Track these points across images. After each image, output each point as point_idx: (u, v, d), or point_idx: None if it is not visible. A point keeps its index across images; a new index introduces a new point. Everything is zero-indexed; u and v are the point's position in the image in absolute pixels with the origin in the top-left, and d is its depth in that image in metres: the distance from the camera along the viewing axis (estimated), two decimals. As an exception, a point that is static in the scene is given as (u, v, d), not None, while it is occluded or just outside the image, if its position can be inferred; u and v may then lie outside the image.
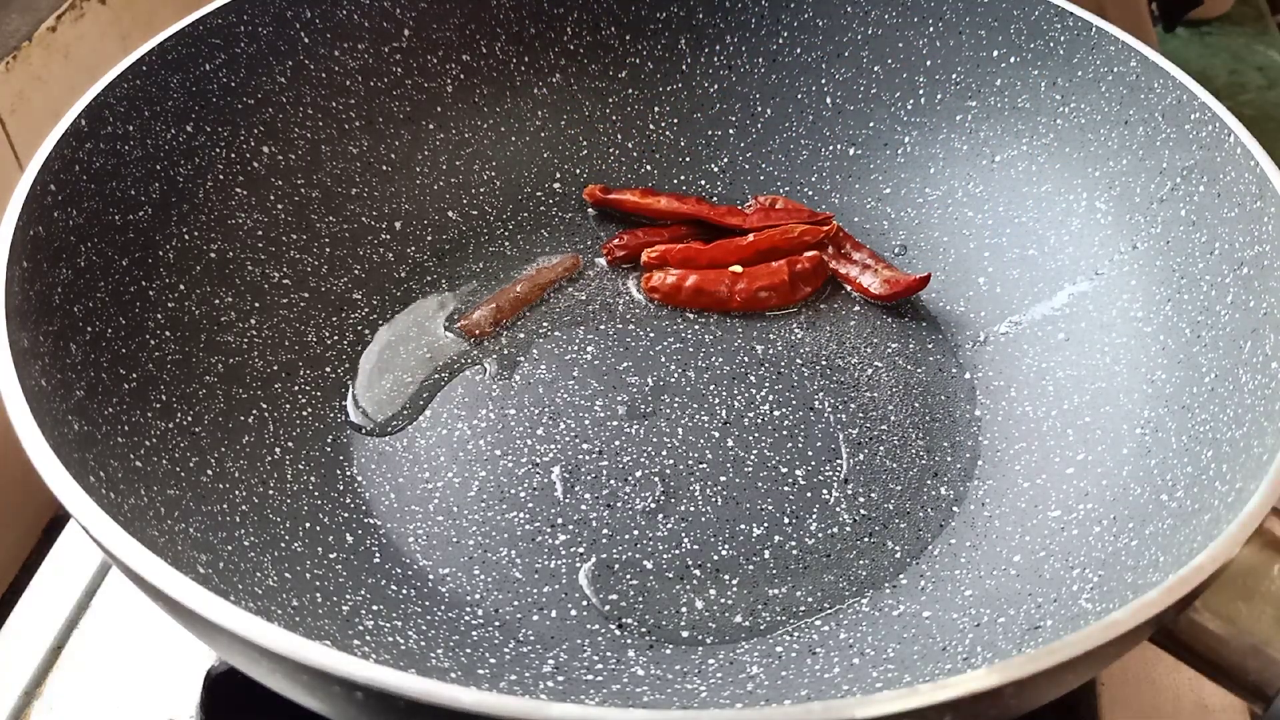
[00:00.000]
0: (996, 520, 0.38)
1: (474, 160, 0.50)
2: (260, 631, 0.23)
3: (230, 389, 0.39)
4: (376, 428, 0.42)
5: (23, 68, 0.49)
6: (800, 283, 0.47)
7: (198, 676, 0.37)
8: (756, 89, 0.51)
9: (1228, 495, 0.30)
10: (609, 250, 0.48)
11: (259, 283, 0.43)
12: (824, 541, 0.38)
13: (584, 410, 0.43)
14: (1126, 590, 0.31)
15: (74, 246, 0.35)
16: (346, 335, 0.45)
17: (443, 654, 0.34)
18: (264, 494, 0.37)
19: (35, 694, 0.37)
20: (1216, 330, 0.36)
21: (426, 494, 0.40)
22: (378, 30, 0.47)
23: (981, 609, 0.34)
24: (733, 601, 0.37)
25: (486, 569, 0.37)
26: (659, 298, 0.47)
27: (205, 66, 0.42)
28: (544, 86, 0.51)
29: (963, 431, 0.42)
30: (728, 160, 0.52)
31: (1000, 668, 0.22)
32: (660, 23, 0.51)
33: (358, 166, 0.47)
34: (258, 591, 0.32)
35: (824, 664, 0.34)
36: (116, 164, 0.38)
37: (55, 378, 0.32)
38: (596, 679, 0.34)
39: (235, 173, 0.43)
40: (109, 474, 0.31)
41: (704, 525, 0.39)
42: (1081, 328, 0.42)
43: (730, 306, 0.47)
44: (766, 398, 0.43)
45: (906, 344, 0.46)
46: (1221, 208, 0.37)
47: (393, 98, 0.48)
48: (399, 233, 0.48)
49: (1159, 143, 0.40)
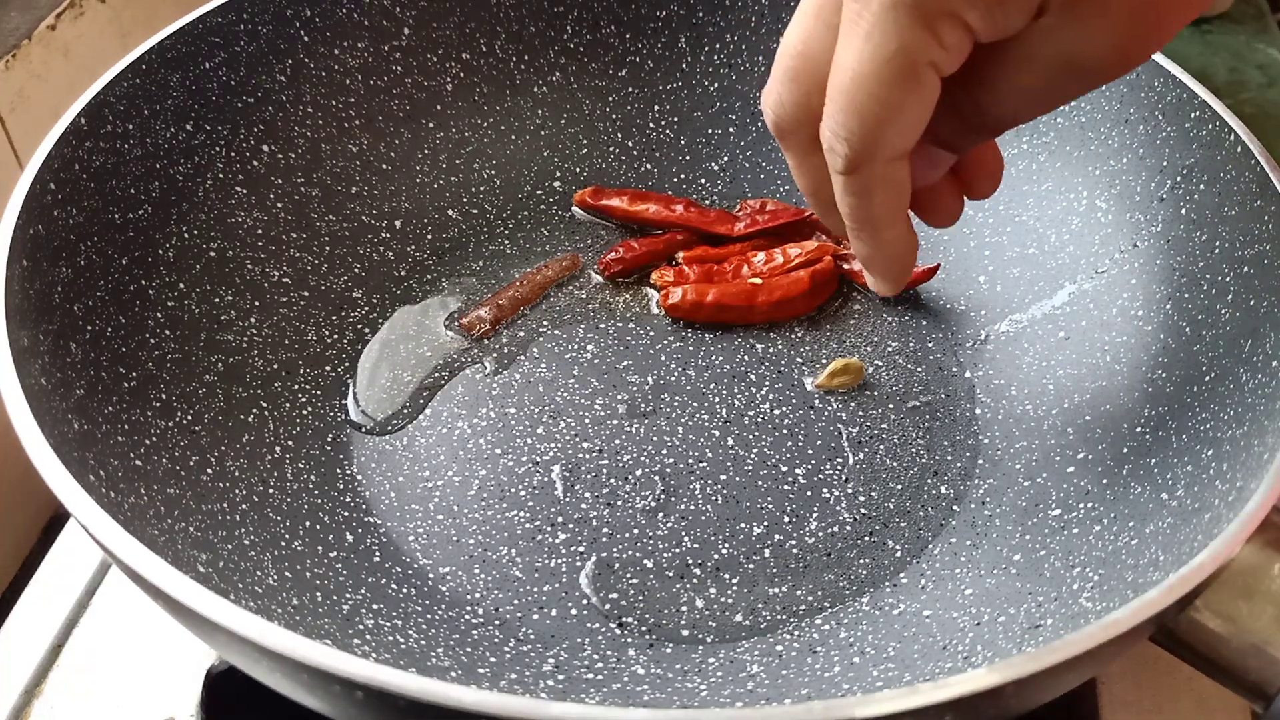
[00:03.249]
0: (997, 519, 0.38)
1: (474, 159, 0.50)
2: (260, 630, 0.23)
3: (230, 388, 0.39)
4: (376, 426, 0.42)
5: (22, 66, 0.49)
6: (821, 289, 0.47)
7: (198, 675, 0.37)
8: (757, 87, 0.51)
9: (1228, 494, 0.30)
10: (605, 265, 0.48)
11: (259, 281, 0.43)
12: (824, 540, 0.38)
13: (584, 409, 0.43)
14: (1127, 589, 0.31)
15: (74, 245, 0.35)
16: (346, 334, 0.45)
17: (443, 653, 0.34)
18: (264, 493, 0.37)
19: (35, 693, 0.37)
20: (1217, 329, 0.36)
21: (426, 493, 0.40)
22: (377, 29, 0.47)
23: (982, 608, 0.34)
24: (733, 600, 0.37)
25: (486, 568, 0.37)
26: (680, 315, 0.46)
27: (205, 65, 0.42)
28: (544, 85, 0.51)
29: (963, 430, 0.42)
30: (728, 159, 0.52)
31: (1001, 667, 0.22)
32: (660, 21, 0.51)
33: (357, 165, 0.47)
34: (258, 590, 0.32)
35: (824, 663, 0.34)
36: (116, 162, 0.38)
37: (55, 376, 0.32)
38: (597, 678, 0.34)
39: (235, 171, 0.43)
40: (109, 473, 0.31)
41: (704, 524, 0.39)
42: (1082, 326, 0.42)
43: (753, 320, 0.46)
44: (767, 396, 0.43)
45: (907, 342, 0.46)
46: (1222, 206, 0.37)
47: (392, 96, 0.48)
48: (399, 231, 0.48)
49: (1159, 141, 0.40)
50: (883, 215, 0.30)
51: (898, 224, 0.31)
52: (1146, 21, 0.25)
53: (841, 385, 0.43)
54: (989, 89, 0.27)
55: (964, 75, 0.27)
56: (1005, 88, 0.27)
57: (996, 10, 0.25)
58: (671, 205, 0.49)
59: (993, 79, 0.27)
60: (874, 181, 0.29)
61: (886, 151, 0.28)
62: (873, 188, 0.29)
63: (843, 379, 0.43)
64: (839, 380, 0.43)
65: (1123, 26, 0.25)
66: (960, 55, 0.26)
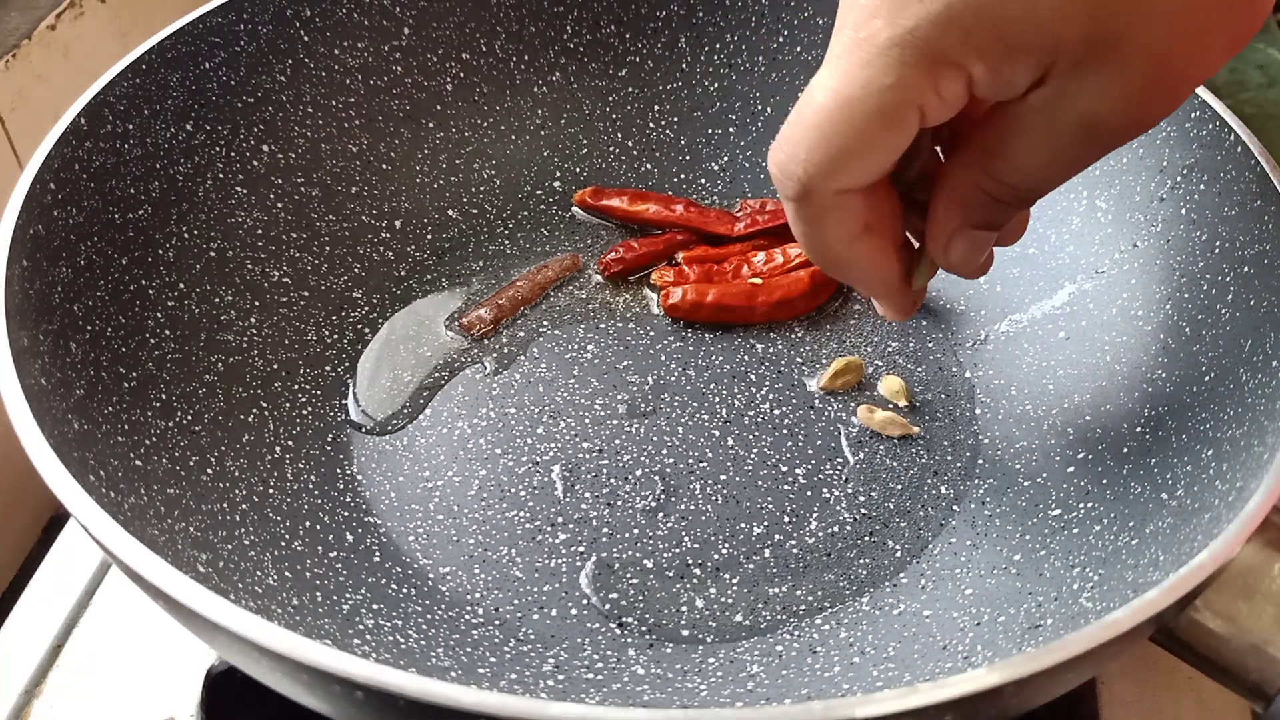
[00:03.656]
0: (997, 519, 0.38)
1: (474, 159, 0.50)
2: (260, 630, 0.23)
3: (230, 388, 0.39)
4: (376, 426, 0.42)
5: (22, 66, 0.49)
6: (821, 290, 0.47)
7: (198, 675, 0.37)
8: (757, 87, 0.51)
9: (1228, 494, 0.30)
10: (605, 265, 0.48)
11: (259, 281, 0.43)
12: (824, 540, 0.38)
13: (584, 409, 0.43)
14: (1127, 589, 0.31)
15: (74, 245, 0.35)
16: (346, 334, 0.45)
17: (443, 653, 0.34)
18: (264, 493, 0.37)
19: (35, 692, 0.37)
20: (1217, 329, 0.36)
21: (426, 493, 0.40)
22: (377, 29, 0.47)
23: (982, 608, 0.34)
24: (733, 600, 0.37)
25: (486, 568, 0.37)
26: (680, 315, 0.46)
27: (205, 65, 0.42)
28: (544, 85, 0.51)
29: (963, 430, 0.42)
30: (728, 159, 0.52)
31: (1001, 667, 0.22)
32: (660, 21, 0.51)
33: (357, 165, 0.47)
34: (258, 590, 0.32)
35: (824, 663, 0.34)
36: (116, 162, 0.38)
37: (55, 376, 0.32)
38: (597, 678, 0.34)
39: (235, 171, 0.43)
40: (109, 473, 0.31)
41: (704, 524, 0.39)
42: (1082, 326, 0.42)
43: (753, 320, 0.46)
44: (767, 396, 0.43)
45: (906, 342, 0.46)
46: (1222, 206, 0.37)
47: (392, 96, 0.48)
48: (399, 231, 0.48)
49: (1159, 141, 0.40)
50: (838, 249, 0.29)
51: (862, 260, 0.30)
52: (1165, 79, 0.23)
53: (844, 385, 0.43)
54: (1008, 161, 0.26)
55: (984, 151, 0.26)
56: (1024, 158, 0.26)
57: (1004, 65, 0.24)
58: (671, 205, 0.49)
59: (1010, 150, 0.26)
60: (824, 211, 0.28)
61: (842, 182, 0.27)
62: (824, 218, 0.28)
63: (845, 379, 0.43)
64: (842, 380, 0.43)
65: (1140, 85, 0.23)
66: (950, 110, 0.25)
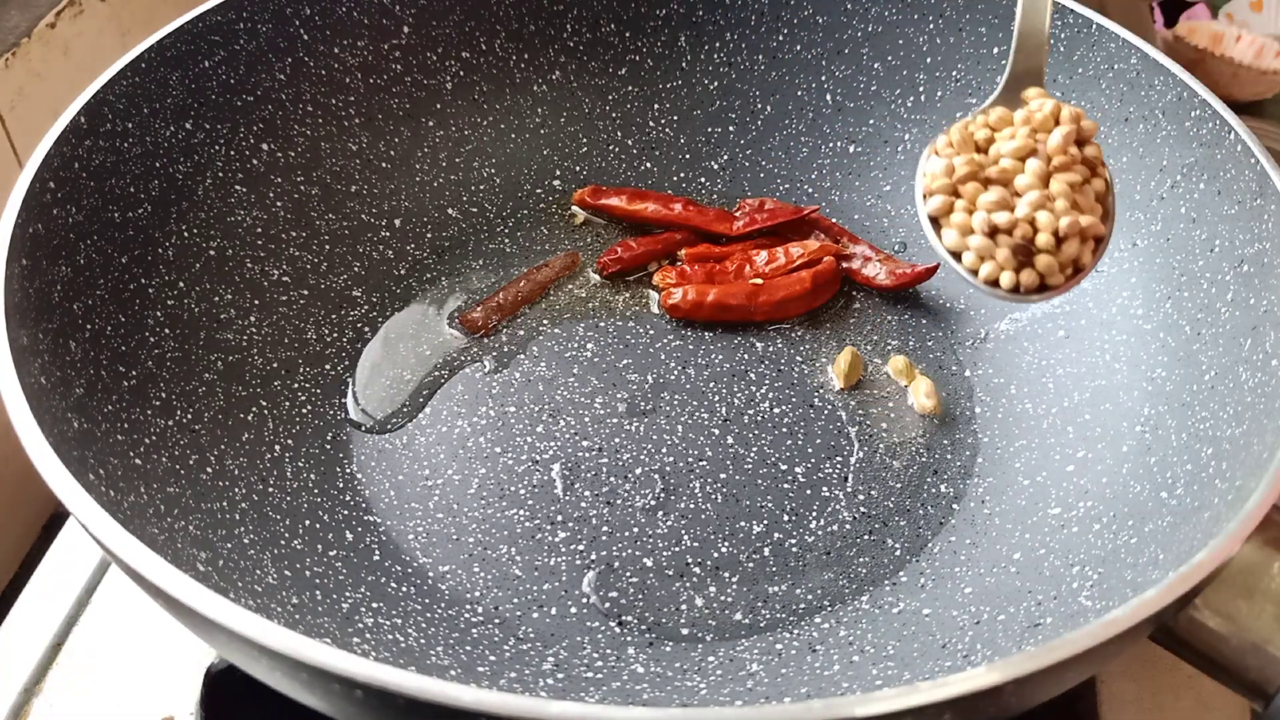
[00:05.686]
0: (996, 518, 0.38)
1: (474, 157, 0.50)
2: (260, 629, 0.23)
3: (230, 386, 0.39)
4: (376, 425, 0.42)
5: (22, 64, 0.49)
6: (823, 290, 0.47)
7: (198, 674, 0.37)
8: (756, 86, 0.51)
9: (1228, 493, 0.30)
10: (604, 265, 0.48)
11: (258, 280, 0.43)
12: (824, 539, 0.38)
13: (584, 407, 0.43)
14: (1126, 588, 0.31)
15: (73, 244, 0.35)
16: (346, 332, 0.45)
17: (442, 651, 0.34)
18: (264, 491, 0.37)
19: (35, 691, 0.37)
20: (1216, 327, 0.36)
21: (426, 491, 0.40)
22: (377, 27, 0.47)
23: (981, 606, 0.34)
24: (733, 599, 0.37)
25: (486, 566, 0.37)
26: (681, 315, 0.46)
27: (205, 63, 0.42)
28: (544, 83, 0.51)
29: (963, 429, 0.42)
30: (727, 158, 0.52)
31: (1000, 665, 0.22)
32: (660, 20, 0.51)
33: (357, 164, 0.47)
34: (257, 589, 0.32)
35: (824, 661, 0.34)
36: (116, 161, 0.38)
37: (55, 375, 0.32)
38: (596, 676, 0.34)
39: (235, 170, 0.43)
40: (108, 471, 0.31)
41: (704, 523, 0.39)
42: (1081, 325, 0.42)
43: (754, 319, 0.46)
44: (766, 395, 0.43)
45: (906, 341, 0.46)
46: (1221, 205, 0.37)
47: (392, 95, 0.48)
48: (399, 230, 0.48)
49: (1159, 140, 0.40)
50: None
51: None
52: None
53: (858, 377, 0.44)
54: None
55: None
56: None
57: None
58: (670, 204, 0.49)
59: None
60: None
61: None
62: None
63: (857, 372, 0.44)
64: (854, 374, 0.44)
65: None
66: None
